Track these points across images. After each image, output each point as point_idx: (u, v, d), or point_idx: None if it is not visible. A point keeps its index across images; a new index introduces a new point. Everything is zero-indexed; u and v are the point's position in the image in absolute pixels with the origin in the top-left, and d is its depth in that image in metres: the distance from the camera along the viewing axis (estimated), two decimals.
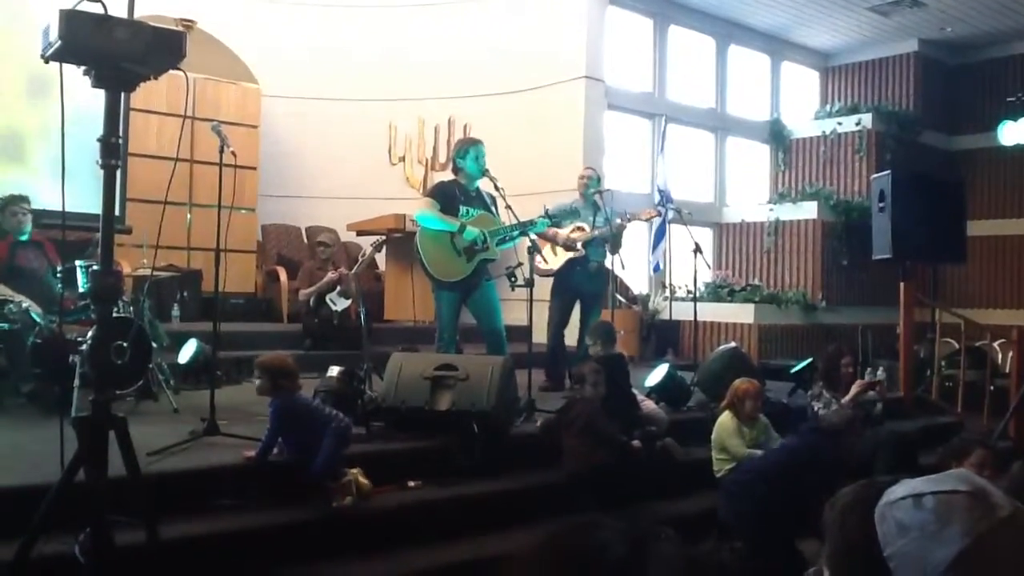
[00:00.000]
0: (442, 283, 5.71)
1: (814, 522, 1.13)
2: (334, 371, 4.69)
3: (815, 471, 4.20)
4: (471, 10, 10.25)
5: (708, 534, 4.35)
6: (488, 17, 10.17)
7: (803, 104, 12.91)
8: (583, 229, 6.75)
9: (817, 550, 1.12)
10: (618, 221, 6.71)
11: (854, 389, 5.56)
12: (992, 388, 7.91)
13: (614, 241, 6.73)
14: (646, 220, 6.98)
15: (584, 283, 6.79)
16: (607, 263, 7.01)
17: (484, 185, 5.96)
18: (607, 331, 5.77)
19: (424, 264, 5.69)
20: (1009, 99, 8.73)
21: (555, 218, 6.21)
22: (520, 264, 5.66)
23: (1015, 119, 8.91)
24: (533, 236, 5.89)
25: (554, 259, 6.81)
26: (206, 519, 3.56)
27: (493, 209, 5.89)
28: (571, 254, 6.71)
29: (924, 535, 0.89)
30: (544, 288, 6.58)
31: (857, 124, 11.72)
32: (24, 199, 6.15)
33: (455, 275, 5.65)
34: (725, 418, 5.09)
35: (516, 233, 5.86)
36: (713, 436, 5.12)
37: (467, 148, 5.93)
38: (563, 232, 6.71)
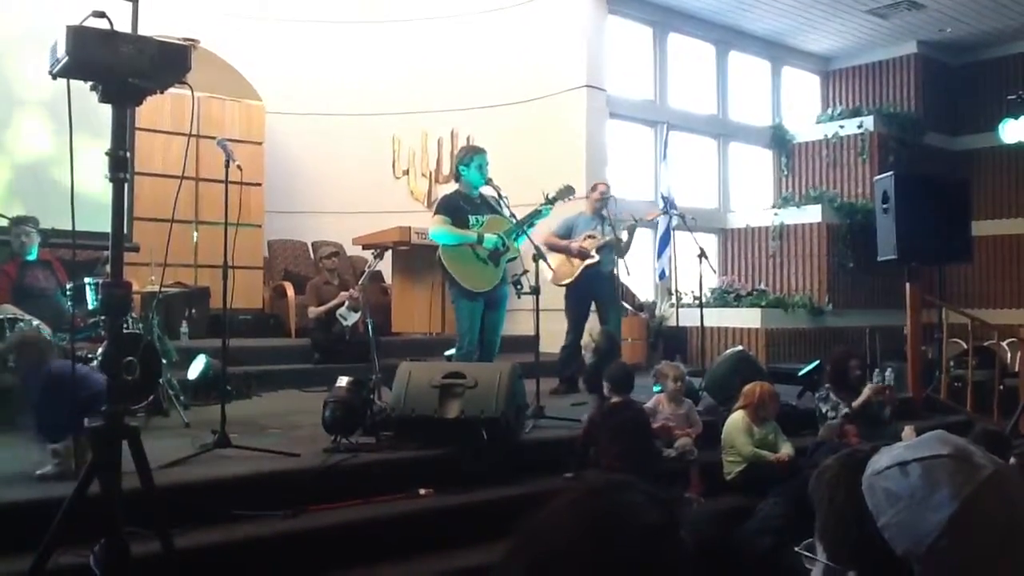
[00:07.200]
0: (473, 293, 5.75)
1: None
2: (343, 381, 4.70)
3: None
4: (472, 23, 10.31)
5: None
6: (488, 29, 10.23)
7: (805, 108, 12.92)
8: (594, 237, 6.90)
9: None
10: (632, 222, 7.01)
11: (865, 393, 5.60)
12: (1002, 387, 7.88)
13: (626, 245, 7.04)
14: (651, 220, 7.24)
15: (599, 287, 7.00)
16: (617, 269, 7.17)
17: (486, 189, 6.01)
18: (624, 376, 4.98)
19: (455, 279, 5.73)
20: (1010, 97, 8.71)
21: (556, 200, 6.26)
22: (526, 271, 5.69)
23: (1016, 117, 8.88)
24: (541, 247, 5.96)
25: (569, 267, 6.96)
26: (221, 529, 3.58)
27: (500, 209, 5.94)
28: (588, 261, 6.89)
29: (914, 502, 0.90)
30: (550, 297, 6.58)
31: (859, 127, 11.73)
32: (30, 220, 6.22)
33: (488, 283, 5.75)
34: (736, 417, 5.09)
35: (527, 226, 5.94)
36: (723, 436, 5.12)
37: (471, 156, 5.97)
38: (575, 242, 6.91)
